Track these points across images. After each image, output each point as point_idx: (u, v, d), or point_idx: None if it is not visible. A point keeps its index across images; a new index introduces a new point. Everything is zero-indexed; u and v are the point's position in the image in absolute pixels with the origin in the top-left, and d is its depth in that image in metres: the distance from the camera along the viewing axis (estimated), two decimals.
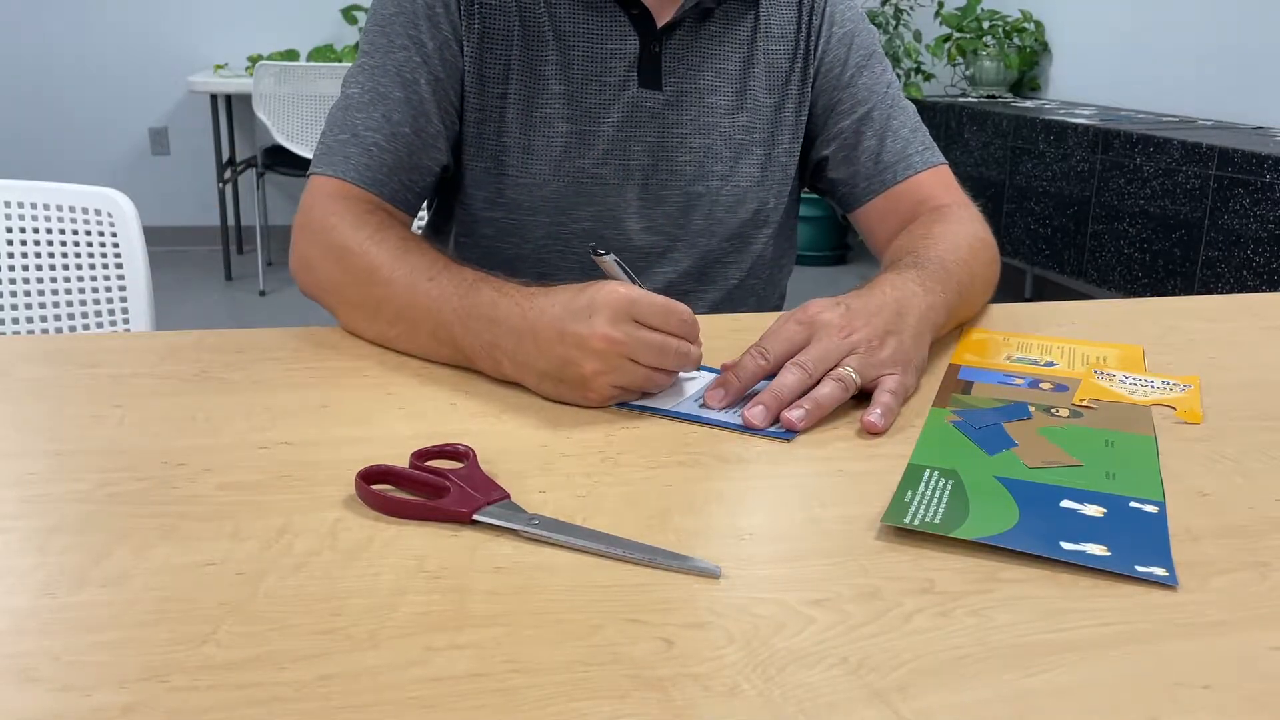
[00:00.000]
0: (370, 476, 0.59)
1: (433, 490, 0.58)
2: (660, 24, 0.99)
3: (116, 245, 1.21)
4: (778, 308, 1.16)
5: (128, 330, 1.21)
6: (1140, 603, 0.50)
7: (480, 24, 0.96)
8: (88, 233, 1.20)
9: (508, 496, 0.58)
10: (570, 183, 1.00)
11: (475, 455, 0.62)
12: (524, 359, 0.73)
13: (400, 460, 0.62)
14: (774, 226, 1.09)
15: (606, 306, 0.70)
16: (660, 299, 0.72)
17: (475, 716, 0.41)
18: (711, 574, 0.51)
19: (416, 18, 0.95)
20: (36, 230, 1.19)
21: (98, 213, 1.20)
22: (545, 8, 0.98)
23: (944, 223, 0.97)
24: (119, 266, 1.21)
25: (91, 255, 1.20)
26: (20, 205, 1.19)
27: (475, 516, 0.56)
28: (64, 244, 1.19)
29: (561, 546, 0.54)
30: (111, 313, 1.21)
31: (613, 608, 0.49)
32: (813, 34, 1.06)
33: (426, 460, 0.62)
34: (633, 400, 0.73)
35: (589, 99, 0.99)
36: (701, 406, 0.73)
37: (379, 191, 0.94)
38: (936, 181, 1.05)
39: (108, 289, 1.21)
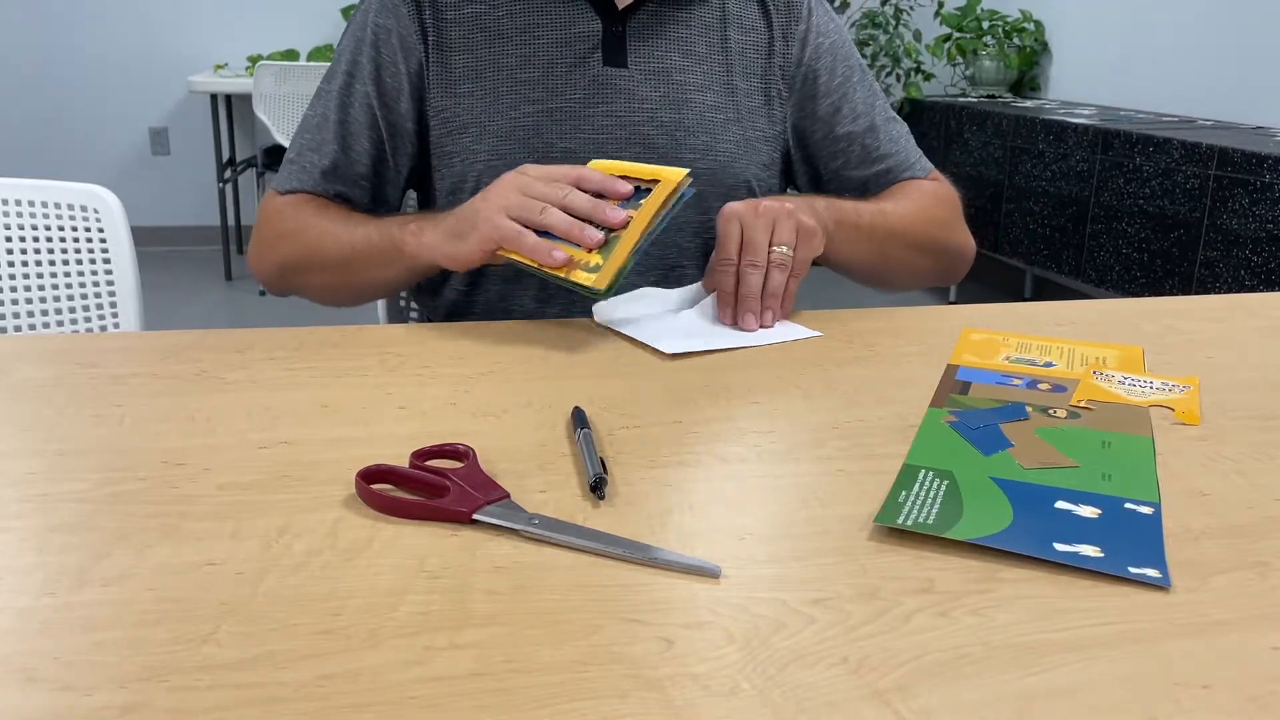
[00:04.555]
0: (370, 476, 0.59)
1: (433, 490, 0.58)
2: (621, 6, 1.04)
3: (104, 242, 1.21)
4: None
5: (117, 327, 1.21)
6: (1140, 602, 0.50)
7: (437, 36, 1.03)
8: (74, 229, 1.20)
9: (508, 496, 0.58)
10: (542, 159, 1.02)
11: (475, 455, 0.62)
12: (439, 224, 0.91)
13: (400, 460, 0.62)
14: None
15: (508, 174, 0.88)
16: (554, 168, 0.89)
17: (475, 716, 0.41)
18: (711, 574, 0.52)
19: (362, 44, 1.05)
20: (22, 228, 1.19)
21: (84, 209, 1.20)
22: (505, 8, 1.03)
23: (907, 186, 1.11)
24: (107, 264, 1.21)
25: (79, 252, 1.20)
26: (5, 202, 1.19)
27: (475, 516, 0.56)
28: (49, 240, 1.20)
29: (561, 546, 0.54)
30: (100, 309, 1.21)
31: (613, 608, 0.49)
32: (791, 39, 1.09)
33: (426, 460, 0.62)
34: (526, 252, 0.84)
35: (555, 80, 1.03)
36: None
37: (316, 192, 1.06)
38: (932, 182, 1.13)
39: (95, 286, 1.21)
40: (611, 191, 0.86)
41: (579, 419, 0.68)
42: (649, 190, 0.87)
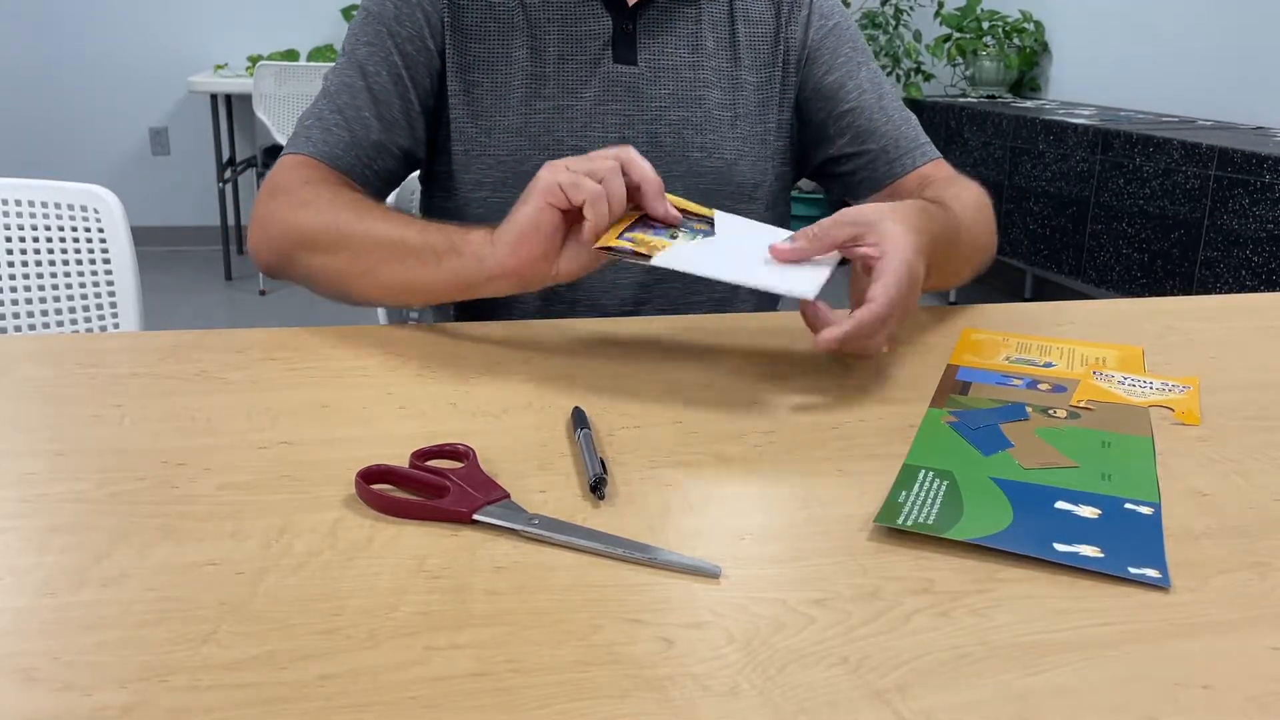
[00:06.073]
0: (370, 476, 0.59)
1: (433, 490, 0.58)
2: (632, 2, 1.04)
3: (104, 242, 1.21)
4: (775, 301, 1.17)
5: (117, 327, 1.21)
6: (1140, 602, 0.50)
7: (453, 18, 1.02)
8: (74, 229, 1.20)
9: (508, 496, 0.58)
10: (550, 156, 1.02)
11: (475, 455, 0.62)
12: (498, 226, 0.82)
13: (400, 460, 0.62)
14: (765, 206, 1.10)
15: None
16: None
17: (475, 716, 0.41)
18: (711, 574, 0.52)
19: (385, 18, 1.03)
20: (23, 228, 1.19)
21: (84, 209, 1.20)
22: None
23: (956, 186, 1.03)
24: (107, 264, 1.21)
25: (79, 252, 1.21)
26: (5, 202, 1.19)
27: (475, 516, 0.56)
28: (49, 240, 1.20)
29: (561, 546, 0.54)
30: (100, 309, 1.21)
31: (613, 608, 0.49)
32: (795, 24, 1.09)
33: (426, 460, 0.62)
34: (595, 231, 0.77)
35: (565, 76, 1.03)
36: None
37: (336, 165, 1.01)
38: (941, 167, 1.11)
39: (95, 285, 1.21)
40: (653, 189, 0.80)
41: (579, 419, 0.68)
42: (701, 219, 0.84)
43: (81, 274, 1.21)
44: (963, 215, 0.94)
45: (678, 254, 0.76)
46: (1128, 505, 0.60)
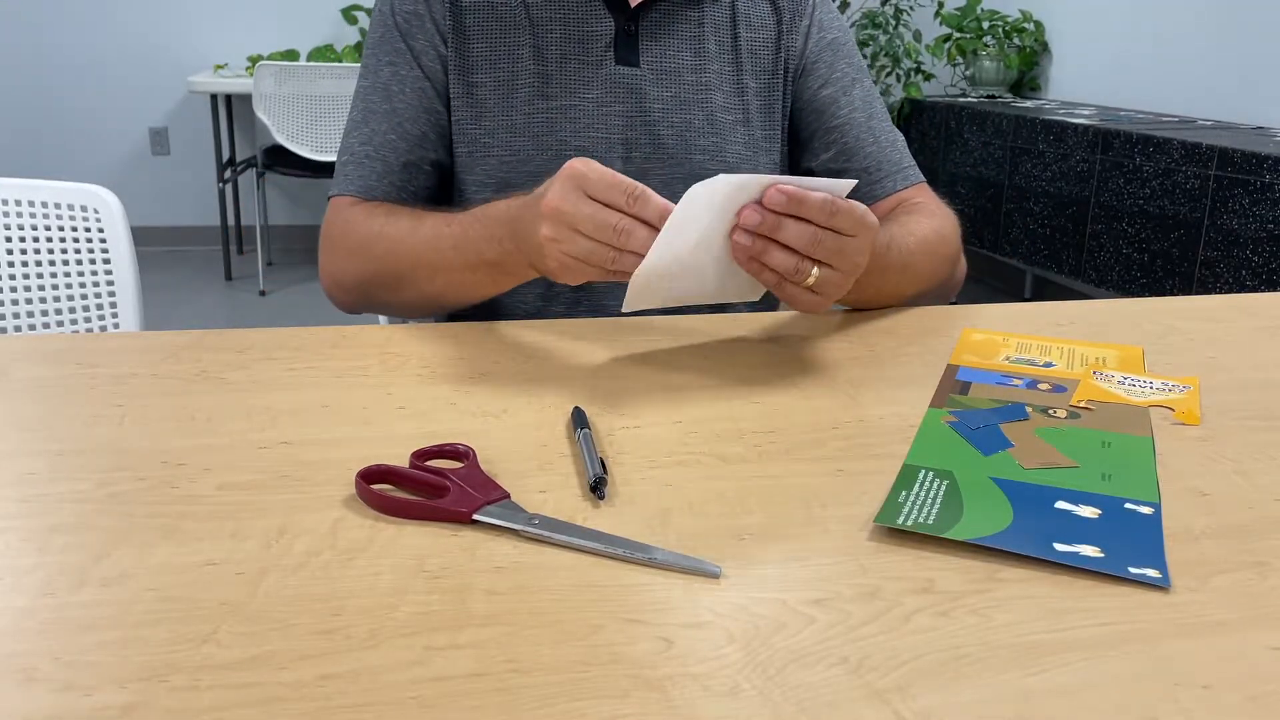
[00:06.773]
0: (370, 476, 0.59)
1: (433, 490, 0.58)
2: (634, 4, 1.04)
3: (104, 242, 1.21)
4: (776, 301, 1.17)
5: (117, 327, 1.21)
6: (1140, 602, 0.50)
7: (454, 20, 1.03)
8: (74, 229, 1.20)
9: (508, 496, 0.58)
10: (553, 156, 1.03)
11: (475, 455, 0.62)
12: (523, 236, 0.80)
13: (400, 460, 0.62)
14: None
15: (561, 177, 0.73)
16: (611, 174, 0.72)
17: (475, 716, 0.41)
18: (711, 574, 0.52)
19: (397, 32, 1.04)
20: (22, 228, 1.19)
21: (84, 209, 1.20)
22: None
23: (921, 215, 1.05)
24: (107, 264, 1.21)
25: (79, 252, 1.21)
26: (5, 202, 1.19)
27: (475, 516, 0.56)
28: (49, 240, 1.20)
29: (561, 546, 0.54)
30: (100, 309, 1.22)
31: (613, 608, 0.49)
32: (795, 33, 1.10)
33: (426, 460, 0.62)
34: (605, 275, 0.74)
35: (567, 76, 1.03)
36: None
37: (376, 196, 1.02)
38: (921, 192, 1.12)
39: (95, 285, 1.21)
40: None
41: (579, 419, 0.68)
42: None
43: (81, 274, 1.21)
44: (903, 242, 0.97)
45: (639, 289, 0.73)
46: (1128, 505, 0.60)
